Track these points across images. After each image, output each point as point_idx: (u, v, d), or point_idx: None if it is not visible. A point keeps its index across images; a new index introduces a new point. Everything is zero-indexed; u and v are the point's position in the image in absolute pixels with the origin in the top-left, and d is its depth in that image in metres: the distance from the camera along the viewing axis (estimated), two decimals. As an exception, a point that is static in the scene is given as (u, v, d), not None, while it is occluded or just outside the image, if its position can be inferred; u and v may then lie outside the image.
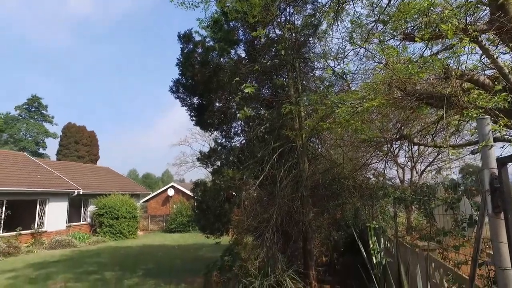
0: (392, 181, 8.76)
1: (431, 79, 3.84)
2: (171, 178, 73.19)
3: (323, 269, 7.92)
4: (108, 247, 16.72)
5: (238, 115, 7.55)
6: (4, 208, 15.60)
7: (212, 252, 14.06)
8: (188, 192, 29.53)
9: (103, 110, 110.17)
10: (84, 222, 21.26)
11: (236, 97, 5.57)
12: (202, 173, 37.38)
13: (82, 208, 21.49)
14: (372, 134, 5.43)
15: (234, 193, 6.90)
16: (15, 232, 15.69)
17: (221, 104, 7.67)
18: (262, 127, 6.83)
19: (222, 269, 7.04)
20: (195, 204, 8.03)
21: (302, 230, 6.49)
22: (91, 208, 21.41)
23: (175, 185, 31.23)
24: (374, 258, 5.86)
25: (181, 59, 7.43)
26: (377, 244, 6.00)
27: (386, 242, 6.03)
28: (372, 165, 7.51)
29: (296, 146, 6.54)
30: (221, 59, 7.21)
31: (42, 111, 47.01)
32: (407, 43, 4.14)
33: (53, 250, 15.69)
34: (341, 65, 6.08)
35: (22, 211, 16.97)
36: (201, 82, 7.08)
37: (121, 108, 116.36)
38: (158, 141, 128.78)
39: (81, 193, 19.68)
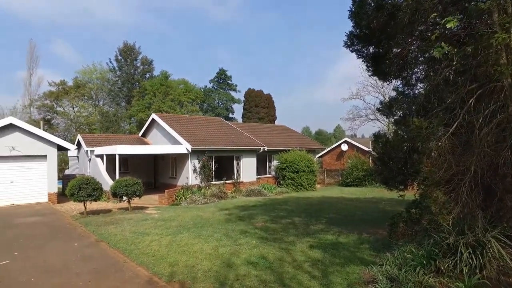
0: None
1: None
2: (343, 133, 73.60)
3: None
4: (292, 197, 18.72)
5: (420, 59, 6.77)
6: (213, 162, 19.81)
7: (391, 206, 13.72)
8: (361, 146, 29.18)
9: (274, 73, 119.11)
10: (270, 175, 24.37)
11: (433, 35, 4.96)
12: (377, 127, 35.55)
13: (267, 163, 24.63)
14: None
15: (420, 144, 6.39)
16: (222, 181, 19.82)
17: (399, 50, 7.02)
18: (452, 69, 5.90)
19: (408, 222, 6.84)
20: (376, 156, 7.91)
21: (512, 186, 5.47)
22: (274, 162, 24.25)
23: (348, 140, 31.33)
24: None
25: (353, 9, 7.13)
26: None
27: None
28: None
29: (501, 86, 5.38)
30: (398, -2, 6.51)
31: (228, 81, 55.01)
32: None
33: (249, 197, 18.85)
34: None
35: (224, 165, 21.00)
36: (377, 29, 6.63)
37: (291, 69, 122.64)
38: (327, 97, 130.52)
39: (265, 149, 22.50)
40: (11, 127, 15.75)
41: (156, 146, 21.11)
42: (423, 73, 7.37)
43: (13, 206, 15.27)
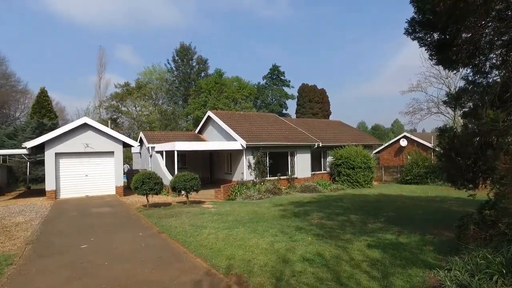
0: None
1: None
2: (401, 128, 69.82)
3: None
4: (347, 194, 18.13)
5: (497, 42, 6.05)
6: (267, 158, 19.92)
7: (458, 206, 12.66)
8: (422, 141, 27.36)
9: (328, 67, 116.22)
10: (324, 171, 23.87)
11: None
12: (440, 120, 32.87)
13: (321, 159, 24.15)
14: None
15: (495, 138, 5.74)
16: (276, 177, 19.86)
17: (469, 35, 6.36)
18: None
19: (480, 224, 6.21)
20: (441, 152, 7.30)
21: None
22: (329, 159, 23.69)
23: (407, 134, 29.51)
24: None
25: (416, -7, 6.62)
26: None
27: None
28: None
29: None
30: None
31: (281, 77, 54.77)
32: None
33: (303, 193, 18.65)
34: None
35: (278, 161, 21.00)
36: (443, 13, 6.05)
37: (345, 63, 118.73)
38: (385, 91, 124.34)
39: (320, 145, 22.06)
40: (85, 126, 17.42)
41: (212, 142, 21.78)
42: (499, 58, 6.60)
43: (87, 197, 16.87)
